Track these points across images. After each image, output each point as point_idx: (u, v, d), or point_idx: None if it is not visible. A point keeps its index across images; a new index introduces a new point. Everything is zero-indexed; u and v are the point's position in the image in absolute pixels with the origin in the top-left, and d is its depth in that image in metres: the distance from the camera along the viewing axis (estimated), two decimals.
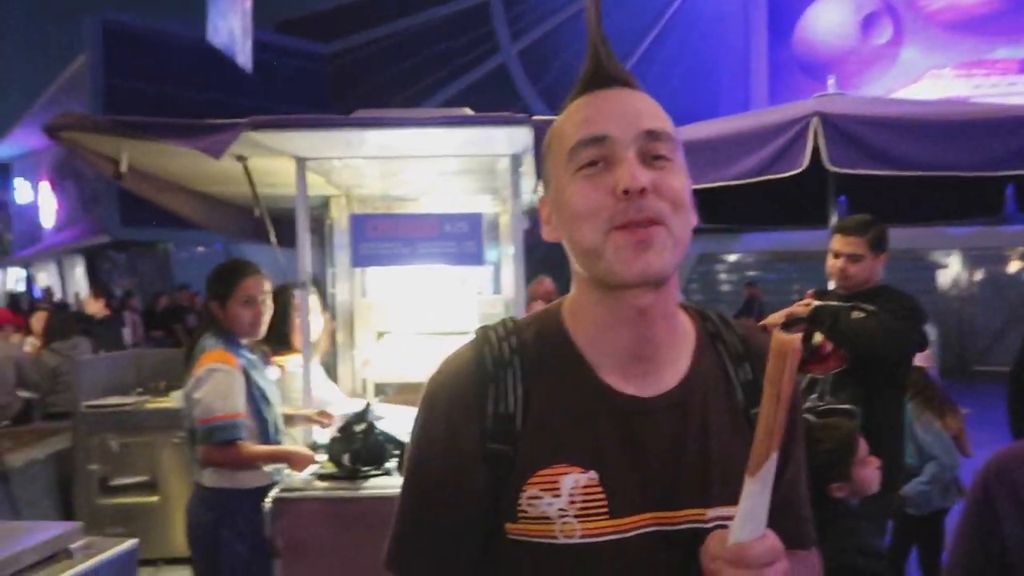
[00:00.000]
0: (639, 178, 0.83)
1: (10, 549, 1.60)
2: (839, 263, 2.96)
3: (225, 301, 2.72)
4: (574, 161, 0.88)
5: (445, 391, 0.93)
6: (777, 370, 0.74)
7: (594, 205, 0.85)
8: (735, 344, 0.96)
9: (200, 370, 2.61)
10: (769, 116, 3.80)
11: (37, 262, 24.28)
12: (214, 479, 2.65)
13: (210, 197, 4.34)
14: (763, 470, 0.76)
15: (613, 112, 0.88)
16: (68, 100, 18.76)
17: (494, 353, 0.92)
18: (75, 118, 2.87)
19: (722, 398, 0.93)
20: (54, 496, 4.53)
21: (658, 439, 0.89)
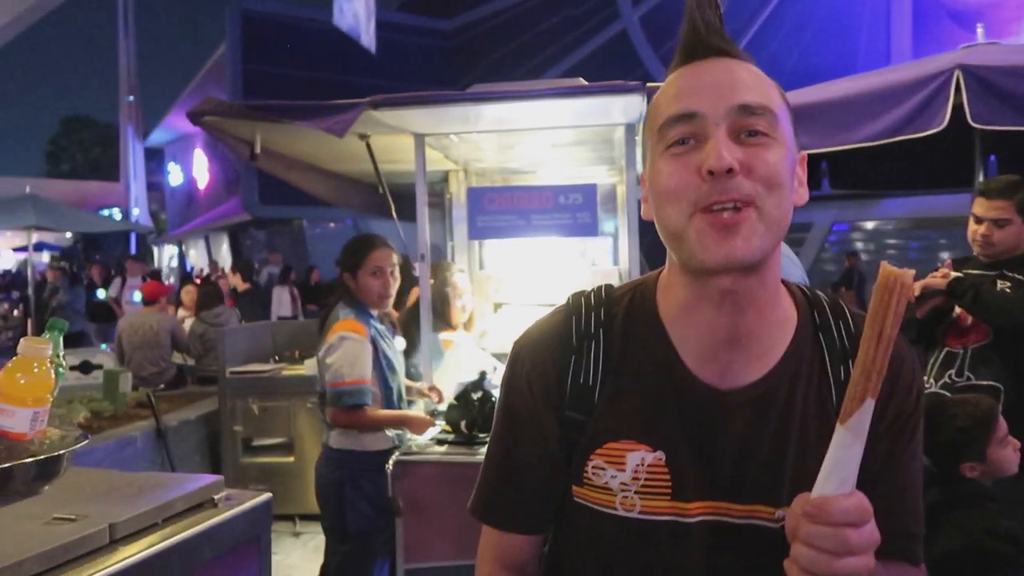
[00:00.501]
0: (725, 157, 0.77)
1: (165, 497, 1.77)
2: (982, 229, 2.73)
3: (356, 272, 2.86)
4: (664, 139, 0.83)
5: (529, 356, 0.94)
6: (881, 305, 0.67)
7: (679, 185, 0.80)
8: (841, 339, 0.89)
9: (332, 337, 2.76)
10: (905, 71, 3.52)
11: (188, 239, 26.27)
12: (340, 441, 2.81)
13: (336, 175, 4.55)
14: (855, 418, 0.69)
15: (705, 86, 0.82)
16: (212, 87, 20.05)
17: (580, 327, 0.92)
18: (213, 104, 3.08)
19: (814, 397, 0.87)
20: (203, 453, 4.95)
21: (731, 432, 0.86)
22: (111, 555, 1.56)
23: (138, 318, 5.80)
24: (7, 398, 1.17)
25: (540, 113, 3.13)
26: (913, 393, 0.89)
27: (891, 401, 0.87)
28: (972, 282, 2.65)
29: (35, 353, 1.20)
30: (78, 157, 45.81)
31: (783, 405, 0.86)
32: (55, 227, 10.82)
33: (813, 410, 0.87)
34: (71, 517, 1.60)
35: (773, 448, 0.85)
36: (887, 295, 0.67)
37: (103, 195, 26.84)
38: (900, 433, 0.88)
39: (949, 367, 2.78)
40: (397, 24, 19.02)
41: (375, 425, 2.78)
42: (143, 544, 1.62)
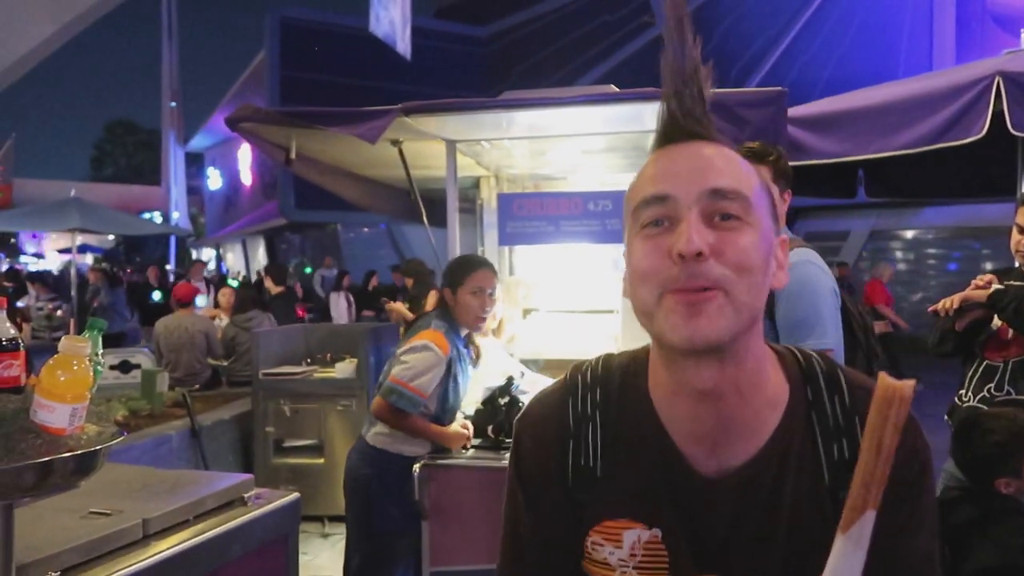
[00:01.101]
0: (694, 241, 0.77)
1: (197, 495, 1.81)
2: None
3: (456, 289, 2.87)
4: (638, 220, 0.84)
5: (530, 436, 0.96)
6: (881, 418, 0.68)
7: (651, 267, 0.81)
8: (835, 415, 0.87)
9: (418, 340, 2.79)
10: (944, 78, 3.46)
11: (225, 243, 26.73)
12: (378, 440, 2.83)
13: (369, 180, 4.61)
14: (856, 528, 0.69)
15: (679, 171, 0.83)
16: (250, 93, 20.41)
17: (576, 409, 0.93)
18: (250, 111, 3.15)
19: (806, 478, 0.85)
20: (236, 453, 5.03)
21: (722, 513, 0.86)
22: (144, 549, 1.61)
23: (173, 320, 5.91)
24: (47, 394, 1.21)
25: (571, 120, 3.14)
26: (914, 465, 0.85)
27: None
28: (1014, 295, 2.59)
29: (75, 351, 1.24)
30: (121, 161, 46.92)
31: (772, 486, 0.85)
32: (98, 229, 11.09)
33: (804, 490, 0.85)
34: (106, 512, 1.65)
35: (763, 529, 0.85)
36: (886, 407, 0.68)
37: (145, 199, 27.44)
38: (899, 503, 0.83)
39: (988, 380, 2.72)
40: (432, 31, 19.18)
41: (412, 431, 2.79)
42: (175, 540, 1.66)
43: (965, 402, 2.78)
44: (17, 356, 1.33)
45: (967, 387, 2.79)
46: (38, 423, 1.23)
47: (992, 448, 1.90)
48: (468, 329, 2.92)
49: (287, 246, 22.58)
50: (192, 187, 28.11)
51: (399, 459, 2.81)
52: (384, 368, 2.90)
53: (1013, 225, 2.75)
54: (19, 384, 1.33)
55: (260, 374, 4.96)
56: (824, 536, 0.75)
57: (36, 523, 1.53)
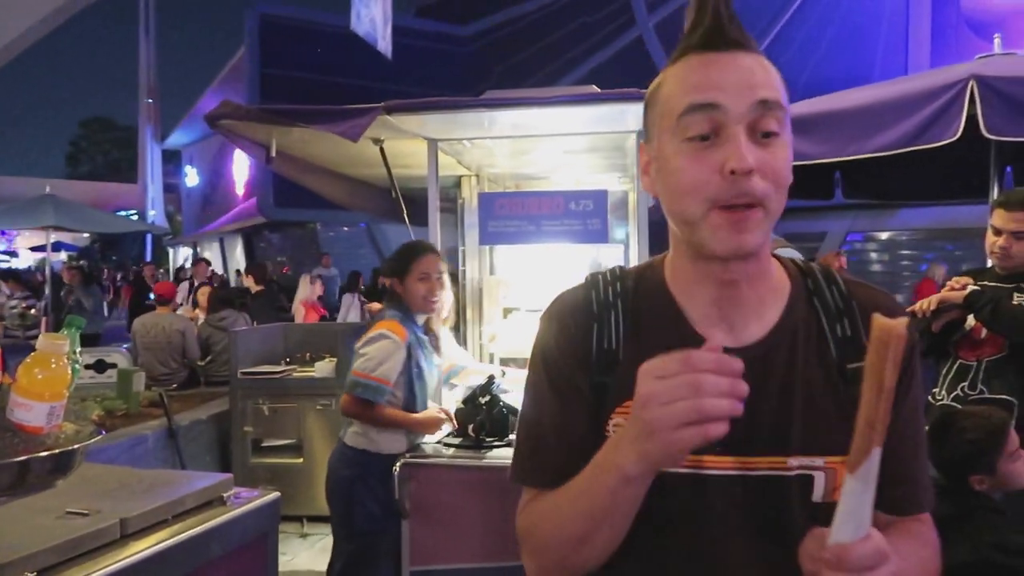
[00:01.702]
0: (747, 159, 0.83)
1: (176, 494, 1.79)
2: (1000, 240, 2.70)
3: (403, 277, 2.90)
4: (682, 128, 0.87)
5: (557, 321, 1.00)
6: (879, 358, 0.70)
7: (699, 181, 0.86)
8: (835, 300, 0.97)
9: (374, 331, 2.82)
10: (920, 81, 3.51)
11: (203, 241, 26.46)
12: (355, 440, 2.83)
13: (350, 179, 4.58)
14: (863, 467, 0.72)
15: (728, 79, 0.86)
16: (230, 90, 20.21)
17: (600, 297, 0.99)
18: (230, 108, 3.12)
19: (813, 353, 0.93)
20: (214, 453, 4.98)
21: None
22: (122, 549, 1.59)
23: (151, 319, 5.84)
24: (25, 392, 1.20)
25: (553, 120, 3.15)
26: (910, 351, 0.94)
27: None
28: (990, 296, 2.63)
29: (53, 349, 1.23)
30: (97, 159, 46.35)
31: (786, 360, 0.93)
32: (74, 227, 10.94)
33: (814, 364, 0.93)
34: (83, 512, 1.63)
35: (780, 400, 0.91)
36: (884, 348, 0.70)
37: (121, 196, 27.10)
38: (902, 380, 0.91)
39: (962, 380, 2.76)
40: (413, 30, 19.11)
41: (383, 422, 2.79)
42: (153, 539, 1.65)
43: (939, 400, 2.82)
44: None
45: (941, 386, 2.83)
46: (15, 422, 1.22)
47: (966, 446, 1.93)
48: (422, 315, 2.93)
49: (266, 245, 22.39)
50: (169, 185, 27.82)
51: (379, 458, 2.80)
52: (348, 370, 2.92)
53: (988, 226, 2.79)
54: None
55: (238, 373, 4.92)
56: (834, 408, 0.88)
57: (12, 523, 1.51)
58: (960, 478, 1.94)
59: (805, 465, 0.89)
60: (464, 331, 4.06)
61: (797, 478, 0.89)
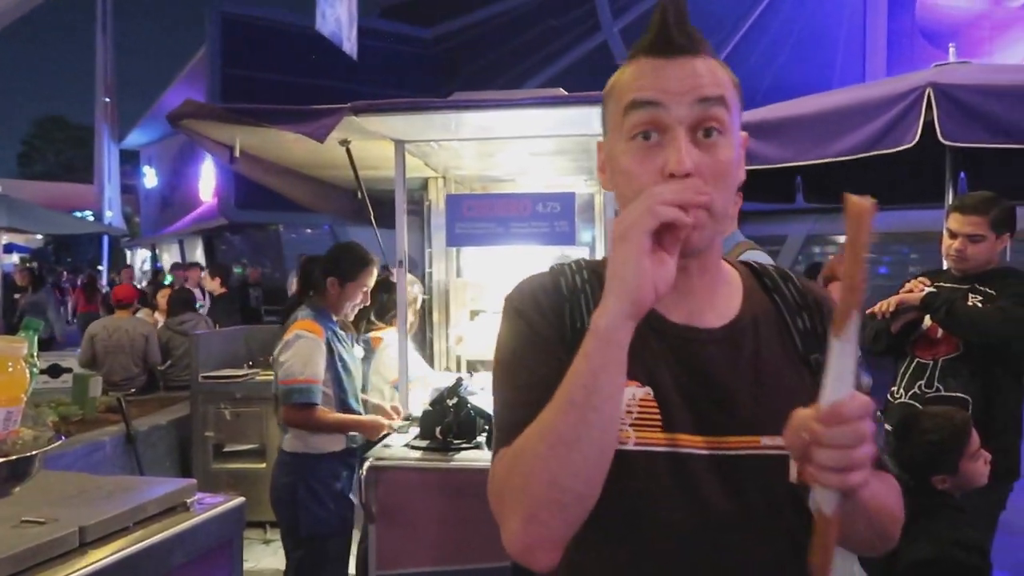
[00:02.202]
0: (685, 162, 0.87)
1: (137, 500, 1.75)
2: (956, 243, 2.78)
3: (347, 283, 2.89)
4: (627, 124, 0.92)
5: (531, 294, 1.00)
6: (855, 230, 0.77)
7: (642, 182, 0.89)
8: (793, 295, 1.01)
9: (289, 335, 2.79)
10: (878, 88, 3.59)
11: (162, 243, 25.96)
12: (292, 444, 2.82)
13: (316, 180, 4.54)
14: (847, 329, 0.78)
15: (670, 80, 0.90)
16: (190, 90, 19.85)
17: (568, 282, 1.00)
18: (194, 107, 3.07)
19: (777, 341, 0.98)
20: (174, 459, 4.88)
21: (710, 367, 0.94)
22: (81, 558, 1.54)
23: (113, 322, 5.71)
24: None
25: (520, 122, 3.15)
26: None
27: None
28: (946, 297, 2.70)
29: (10, 352, 1.19)
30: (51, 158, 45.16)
31: (752, 344, 0.96)
32: (27, 228, 10.65)
33: (779, 351, 0.97)
34: (40, 520, 1.58)
35: (750, 382, 0.94)
36: (858, 220, 0.77)
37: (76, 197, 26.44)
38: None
39: (919, 378, 2.83)
40: (377, 31, 18.97)
41: (327, 427, 2.78)
42: (114, 547, 1.60)
43: (897, 399, 2.89)
44: None
45: (899, 384, 2.90)
46: None
47: (929, 447, 1.97)
48: (338, 315, 2.94)
49: (227, 247, 22.05)
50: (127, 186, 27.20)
51: (317, 459, 2.80)
52: (274, 377, 2.89)
53: (944, 230, 2.87)
54: None
55: (200, 377, 4.83)
56: (802, 393, 0.87)
57: None
58: (922, 478, 1.98)
59: (778, 444, 0.90)
60: (431, 334, 4.04)
61: (772, 457, 0.91)
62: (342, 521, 2.80)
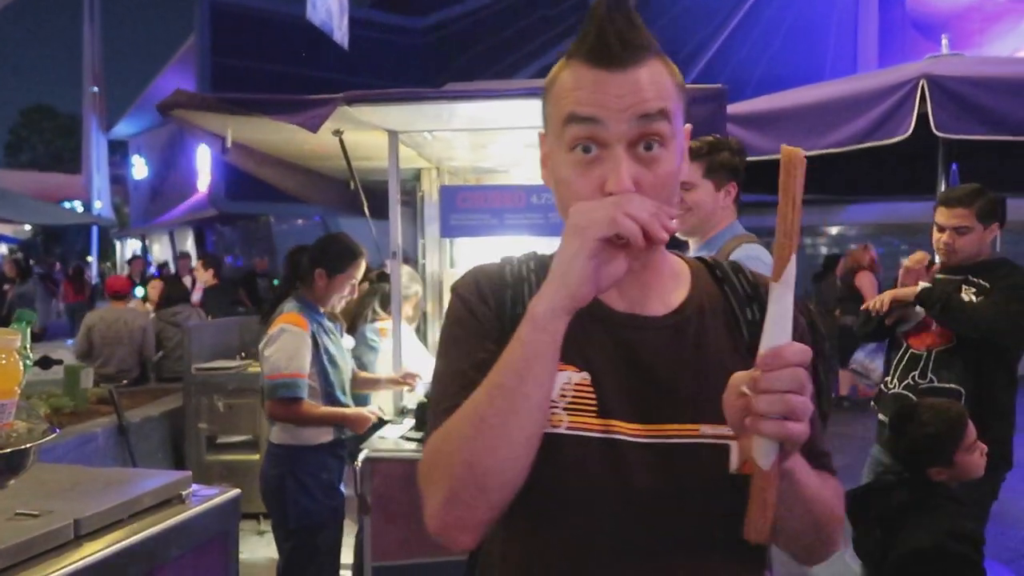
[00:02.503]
0: (624, 182, 0.85)
1: (132, 493, 1.74)
2: (944, 237, 2.78)
3: (335, 275, 2.86)
4: (567, 136, 0.89)
5: (474, 282, 1.01)
6: (789, 177, 0.79)
7: (582, 195, 0.88)
8: (743, 287, 1.01)
9: (274, 329, 2.77)
10: (872, 80, 3.60)
11: (151, 234, 25.81)
12: (280, 436, 2.80)
13: (308, 171, 4.51)
14: (786, 273, 0.79)
15: (609, 97, 0.86)
16: (179, 80, 19.69)
17: (513, 271, 1.01)
18: (185, 96, 3.04)
19: (724, 331, 0.97)
20: (167, 450, 4.87)
21: (652, 355, 0.93)
22: (76, 551, 1.54)
23: (111, 313, 5.67)
24: None
25: (514, 112, 3.14)
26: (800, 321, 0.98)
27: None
28: (940, 292, 2.71)
29: (3, 344, 1.18)
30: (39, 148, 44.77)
31: (696, 333, 0.96)
32: (15, 218, 10.57)
33: (725, 341, 0.96)
34: (34, 513, 1.57)
35: (693, 370, 0.93)
36: (792, 169, 0.79)
37: (64, 187, 26.23)
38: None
39: (912, 369, 2.84)
40: (368, 21, 18.87)
41: (313, 421, 2.77)
42: (109, 540, 1.60)
43: (891, 389, 2.90)
44: None
45: (892, 375, 2.92)
46: None
47: (926, 439, 1.98)
48: (323, 306, 2.91)
49: (217, 238, 21.94)
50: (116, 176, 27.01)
51: (305, 451, 2.79)
52: (260, 374, 2.88)
53: (933, 223, 2.88)
54: None
55: (192, 369, 4.81)
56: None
57: None
58: (919, 469, 1.99)
59: (719, 434, 0.89)
60: (424, 325, 4.04)
61: (711, 446, 0.89)
62: (332, 512, 2.80)
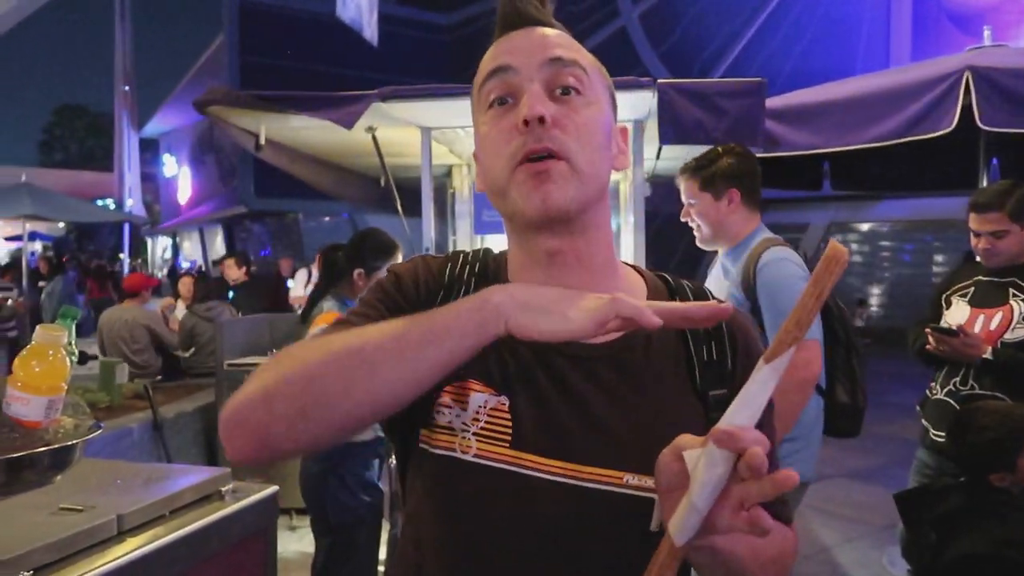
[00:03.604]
0: (536, 107, 0.80)
1: (172, 488, 1.75)
2: (981, 242, 2.67)
3: (373, 272, 2.83)
4: (483, 97, 0.87)
5: (406, 267, 0.94)
6: (826, 272, 0.72)
7: (499, 142, 0.84)
8: None
9: (315, 327, 2.75)
10: (913, 72, 3.52)
11: (182, 231, 26.14)
12: None
13: (339, 168, 4.53)
14: (779, 360, 0.71)
15: (519, 46, 0.86)
16: (208, 79, 19.92)
17: (453, 271, 0.93)
18: (220, 93, 3.06)
19: (671, 370, 0.87)
20: (200, 446, 4.91)
21: (584, 388, 0.84)
22: (119, 546, 1.55)
23: (115, 312, 5.72)
24: (23, 386, 1.15)
25: None
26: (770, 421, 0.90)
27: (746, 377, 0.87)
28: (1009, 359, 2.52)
29: (50, 340, 1.18)
30: (72, 147, 45.58)
31: (638, 368, 0.86)
32: (51, 216, 10.74)
33: (671, 382, 0.86)
34: (78, 508, 1.58)
35: (625, 410, 0.84)
36: (834, 265, 0.72)
37: (97, 185, 26.66)
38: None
39: (954, 375, 2.74)
40: (395, 17, 18.90)
41: None
42: (151, 535, 1.60)
43: (934, 395, 2.83)
44: None
45: (936, 380, 2.84)
46: (12, 416, 1.17)
47: (988, 444, 1.92)
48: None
49: (247, 235, 22.17)
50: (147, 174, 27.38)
51: (349, 448, 2.79)
52: None
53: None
54: None
55: (225, 364, 4.85)
56: (689, 431, 0.73)
57: (5, 520, 1.46)
58: (979, 474, 1.94)
59: (644, 486, 0.80)
60: None
61: (633, 499, 0.80)
62: (371, 510, 2.80)
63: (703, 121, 2.78)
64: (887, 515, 4.43)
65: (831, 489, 5.20)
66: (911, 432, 3.07)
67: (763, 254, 2.23)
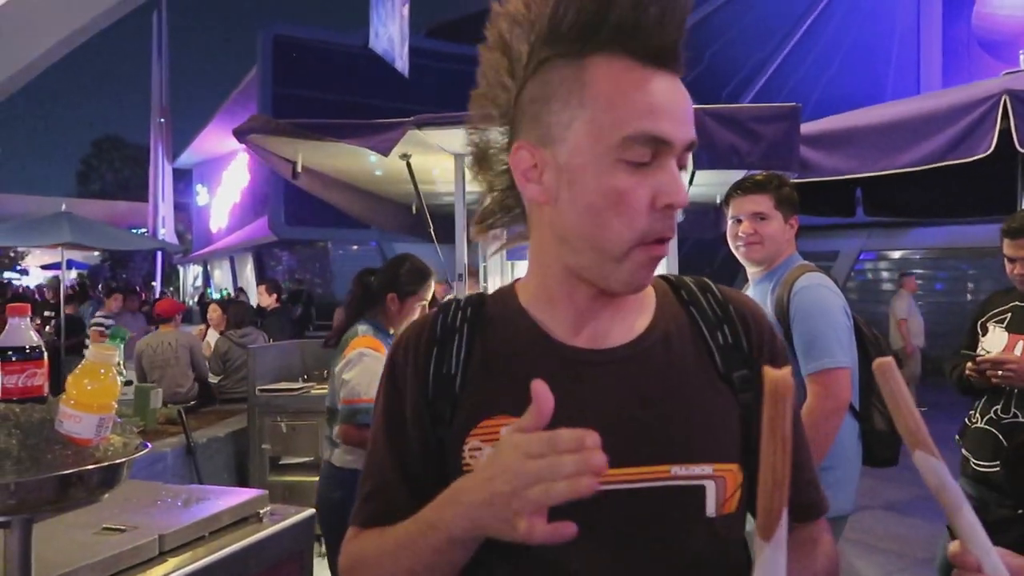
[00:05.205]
0: (684, 194, 0.80)
1: (211, 510, 1.76)
2: (1016, 268, 2.63)
3: (408, 298, 2.84)
4: (624, 152, 0.79)
5: (402, 350, 0.95)
6: (776, 412, 0.66)
7: (635, 211, 0.79)
8: (712, 308, 0.92)
9: (352, 353, 2.74)
10: (949, 96, 3.49)
11: (213, 260, 26.55)
12: (344, 460, 2.76)
13: (372, 195, 4.58)
14: (777, 533, 0.66)
15: (676, 110, 0.81)
16: (242, 110, 20.33)
17: (445, 321, 0.92)
18: (259, 122, 3.12)
19: (693, 359, 0.88)
20: (231, 470, 4.93)
21: (612, 392, 0.84)
22: (160, 566, 1.56)
23: (156, 337, 5.79)
24: (75, 404, 1.17)
25: None
26: (777, 340, 0.94)
27: (762, 354, 0.89)
28: None
29: (102, 359, 1.20)
30: (107, 177, 46.69)
31: (662, 364, 0.87)
32: (90, 244, 10.95)
33: (695, 369, 0.88)
34: (121, 527, 1.60)
35: (658, 405, 0.84)
36: (779, 401, 0.66)
37: (131, 214, 27.24)
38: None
39: (995, 403, 2.68)
40: (424, 49, 19.20)
41: None
42: (191, 556, 1.62)
43: (974, 423, 2.76)
44: (40, 365, 1.29)
45: (976, 408, 2.78)
46: (64, 434, 1.19)
47: None
48: (393, 328, 2.89)
49: (276, 263, 22.47)
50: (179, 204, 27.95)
51: None
52: (329, 391, 2.85)
53: None
54: (43, 394, 1.29)
55: (256, 390, 4.89)
56: (720, 414, 0.84)
57: (49, 538, 1.48)
58: None
59: (692, 475, 0.82)
60: None
61: (684, 488, 0.82)
62: None
63: (737, 146, 2.78)
64: (927, 548, 4.31)
65: (869, 521, 5.08)
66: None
67: (799, 279, 2.22)
